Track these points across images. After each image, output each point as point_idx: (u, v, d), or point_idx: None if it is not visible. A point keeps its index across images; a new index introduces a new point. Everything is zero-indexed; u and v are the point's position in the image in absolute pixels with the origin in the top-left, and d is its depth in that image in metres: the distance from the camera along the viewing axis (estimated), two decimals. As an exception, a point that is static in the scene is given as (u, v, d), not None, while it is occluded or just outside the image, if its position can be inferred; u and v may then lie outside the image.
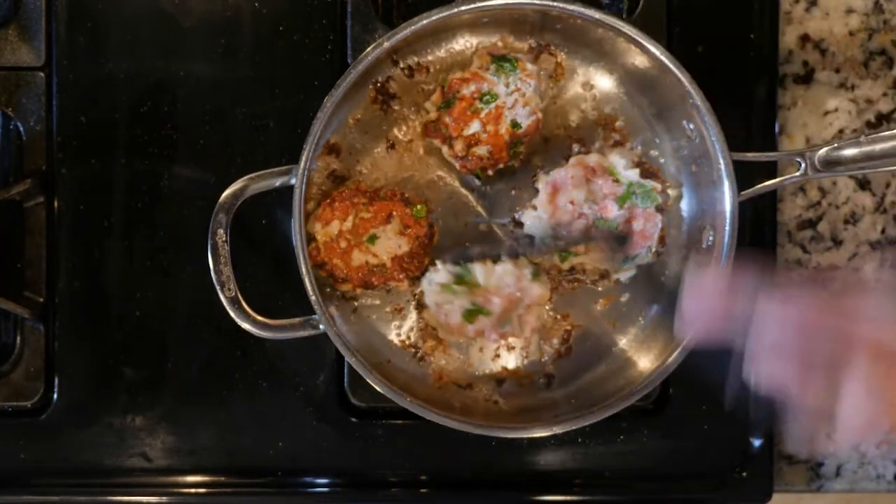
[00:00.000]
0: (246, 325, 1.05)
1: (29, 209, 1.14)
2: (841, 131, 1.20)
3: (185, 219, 1.13)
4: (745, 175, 1.08)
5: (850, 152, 1.06)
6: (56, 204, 1.13)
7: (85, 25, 1.13)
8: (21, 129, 1.13)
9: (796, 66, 1.19)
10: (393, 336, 1.13)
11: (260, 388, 1.15)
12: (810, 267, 1.20)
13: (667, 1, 1.15)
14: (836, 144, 1.06)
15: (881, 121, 1.20)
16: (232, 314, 1.04)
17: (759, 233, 1.16)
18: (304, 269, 1.04)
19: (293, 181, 1.04)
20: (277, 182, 1.05)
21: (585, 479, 1.17)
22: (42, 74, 1.14)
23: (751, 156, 1.08)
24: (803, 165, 1.06)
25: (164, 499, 1.15)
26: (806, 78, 1.19)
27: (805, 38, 1.19)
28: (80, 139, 1.14)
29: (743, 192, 1.07)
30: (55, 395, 1.14)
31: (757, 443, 1.17)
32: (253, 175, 1.05)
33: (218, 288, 1.04)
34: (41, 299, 1.14)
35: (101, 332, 1.14)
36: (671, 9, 1.15)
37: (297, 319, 1.06)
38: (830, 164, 1.06)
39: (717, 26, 1.16)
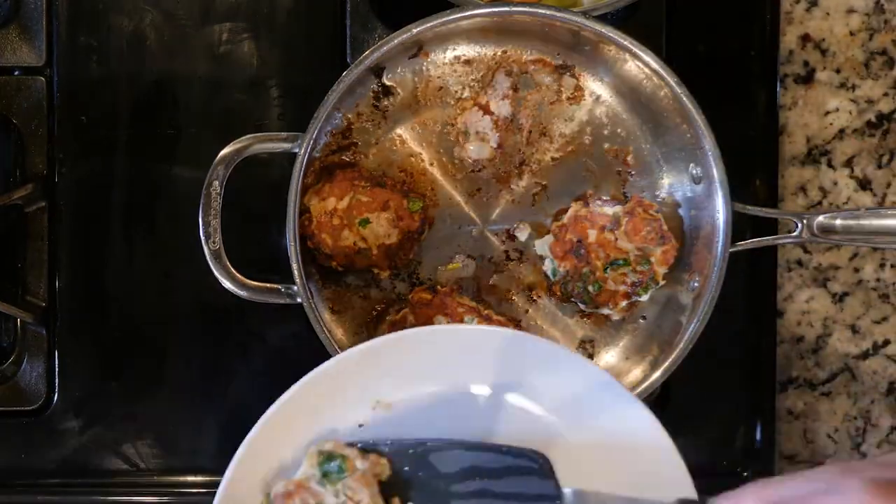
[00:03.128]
0: (225, 282, 1.03)
1: (30, 214, 1.14)
2: (841, 131, 1.20)
3: (185, 219, 1.13)
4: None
5: (848, 224, 1.06)
6: (57, 207, 1.13)
7: (85, 25, 1.14)
8: (22, 131, 1.13)
9: (797, 66, 1.19)
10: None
11: (260, 387, 1.15)
12: (811, 267, 1.20)
13: (667, 1, 1.15)
14: (834, 213, 1.06)
15: (882, 121, 1.20)
16: (213, 268, 1.03)
17: (759, 232, 1.16)
18: (290, 237, 1.03)
19: (296, 149, 1.04)
20: (281, 147, 1.04)
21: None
22: (42, 75, 1.14)
23: (751, 210, 1.08)
24: (800, 227, 1.07)
25: (165, 499, 1.15)
26: (806, 78, 1.19)
27: (805, 38, 1.19)
28: (81, 139, 1.14)
29: (736, 244, 1.07)
30: (56, 396, 1.14)
31: (757, 443, 1.17)
32: (259, 135, 1.04)
33: (203, 239, 1.03)
34: (43, 304, 1.14)
35: (101, 334, 1.14)
36: (671, 9, 1.15)
37: (275, 285, 1.04)
38: (827, 231, 1.06)
39: (717, 26, 1.16)
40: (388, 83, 1.11)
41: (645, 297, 1.10)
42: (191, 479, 1.15)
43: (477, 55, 1.11)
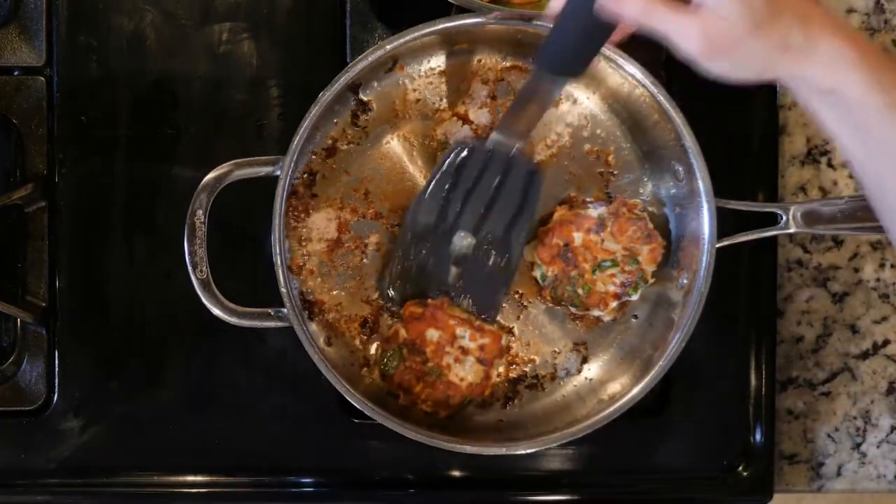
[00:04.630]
0: (214, 310, 1.04)
1: (30, 214, 1.14)
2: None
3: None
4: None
5: (830, 212, 1.07)
6: (57, 207, 1.13)
7: (85, 25, 1.14)
8: (21, 131, 1.13)
9: (797, 66, 1.19)
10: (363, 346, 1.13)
11: (260, 388, 1.15)
12: (811, 267, 1.20)
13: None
14: (817, 203, 1.07)
15: (882, 121, 1.20)
16: (201, 296, 1.03)
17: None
18: (277, 261, 1.04)
19: (278, 172, 1.04)
20: (262, 171, 1.05)
21: (585, 479, 1.17)
22: (42, 74, 1.14)
23: (734, 204, 1.08)
24: (784, 218, 1.07)
25: (165, 499, 1.15)
26: (806, 78, 1.19)
27: (805, 38, 1.19)
28: (81, 139, 1.14)
29: (722, 240, 1.07)
30: (56, 396, 1.14)
31: (757, 443, 1.17)
32: (239, 161, 1.04)
33: (190, 269, 1.03)
34: (43, 304, 1.14)
35: (102, 334, 1.14)
36: (671, 9, 1.15)
37: (265, 309, 1.05)
38: (812, 221, 1.07)
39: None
40: (365, 99, 1.10)
41: (635, 297, 1.10)
42: (191, 479, 1.15)
43: (452, 65, 1.11)
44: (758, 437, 1.17)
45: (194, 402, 1.15)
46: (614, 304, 1.10)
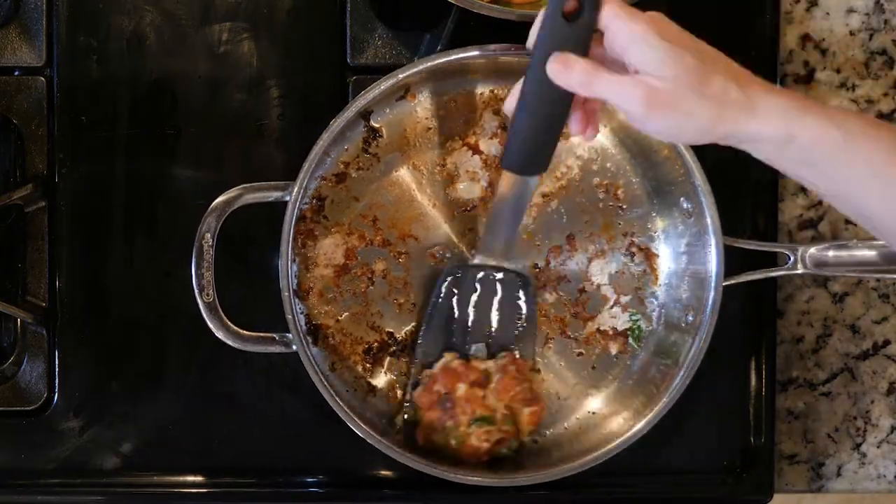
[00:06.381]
0: (219, 333, 1.04)
1: (31, 214, 1.14)
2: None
3: (185, 219, 1.13)
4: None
5: (840, 255, 1.07)
6: (57, 207, 1.14)
7: (85, 25, 1.14)
8: (22, 131, 1.13)
9: (797, 66, 1.19)
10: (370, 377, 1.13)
11: (260, 388, 1.15)
12: (811, 267, 1.20)
13: (667, 2, 1.15)
14: (826, 245, 1.07)
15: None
16: (207, 320, 1.04)
17: (758, 231, 1.16)
18: (283, 285, 1.04)
19: (288, 197, 1.04)
20: (272, 196, 1.05)
21: (585, 479, 1.17)
22: (42, 74, 1.14)
23: (742, 243, 1.09)
24: (792, 259, 1.08)
25: (165, 499, 1.15)
26: (807, 78, 1.19)
27: (806, 38, 1.19)
28: (81, 139, 1.14)
29: (729, 278, 1.07)
30: (56, 396, 1.14)
31: (758, 443, 1.17)
32: (249, 185, 1.05)
33: (197, 292, 1.04)
34: (43, 304, 1.14)
35: (102, 334, 1.14)
36: (671, 10, 1.15)
37: (271, 334, 1.05)
38: (819, 263, 1.08)
39: (717, 26, 1.16)
40: (376, 126, 1.10)
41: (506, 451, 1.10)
42: (191, 478, 1.15)
43: (463, 95, 1.11)
44: (758, 437, 1.17)
45: (194, 402, 1.15)
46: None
